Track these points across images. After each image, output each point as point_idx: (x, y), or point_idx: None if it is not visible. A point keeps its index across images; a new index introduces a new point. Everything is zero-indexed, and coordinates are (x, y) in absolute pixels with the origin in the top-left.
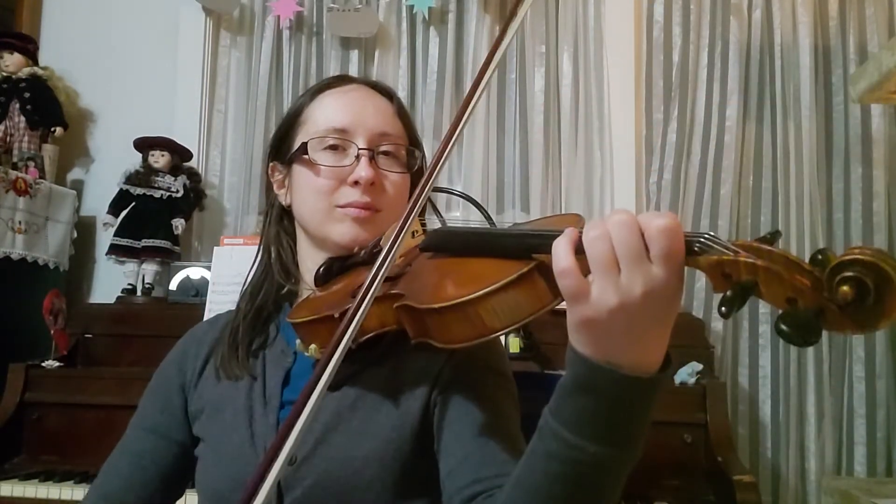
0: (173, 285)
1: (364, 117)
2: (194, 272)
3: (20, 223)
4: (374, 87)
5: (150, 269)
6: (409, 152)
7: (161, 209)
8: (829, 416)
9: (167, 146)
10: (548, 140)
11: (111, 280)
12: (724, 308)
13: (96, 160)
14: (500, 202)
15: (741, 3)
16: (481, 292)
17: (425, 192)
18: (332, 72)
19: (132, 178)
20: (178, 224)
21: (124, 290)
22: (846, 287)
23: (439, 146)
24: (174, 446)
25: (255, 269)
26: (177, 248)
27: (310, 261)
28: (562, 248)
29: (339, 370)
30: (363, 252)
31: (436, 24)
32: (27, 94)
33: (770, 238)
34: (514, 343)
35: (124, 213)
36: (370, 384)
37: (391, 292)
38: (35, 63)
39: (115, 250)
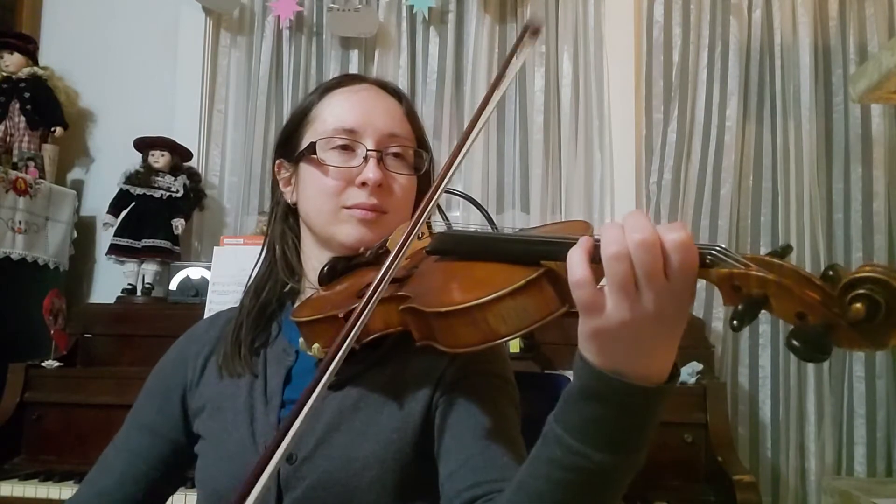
0: (173, 285)
1: (373, 118)
2: (194, 272)
3: (20, 223)
4: (383, 87)
5: (150, 269)
6: (416, 154)
7: (161, 209)
8: (829, 416)
9: (167, 146)
10: (548, 140)
11: (111, 280)
12: (735, 322)
13: (96, 160)
14: (500, 202)
15: (741, 3)
16: (489, 297)
17: (435, 198)
18: (332, 72)
19: (132, 178)
20: (178, 224)
21: (124, 290)
22: (858, 304)
23: (451, 154)
24: (168, 445)
25: (260, 266)
26: (177, 248)
27: (314, 259)
28: (577, 258)
29: (343, 370)
30: (369, 253)
31: (436, 24)
32: (27, 94)
33: (781, 252)
34: (514, 343)
35: (124, 213)
36: (373, 385)
37: (397, 294)
38: (35, 63)
39: (115, 250)
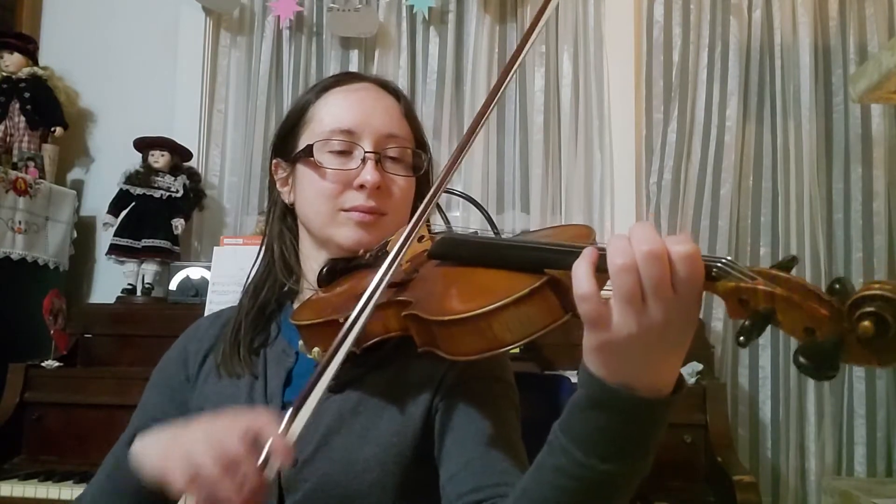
0: (173, 285)
1: (371, 118)
2: (194, 272)
3: (20, 223)
4: (381, 86)
5: (149, 269)
6: (415, 154)
7: (161, 209)
8: (829, 416)
9: (167, 146)
10: (548, 140)
11: (111, 280)
12: (742, 338)
13: (96, 160)
14: (500, 202)
15: (741, 3)
16: (492, 307)
17: (433, 201)
18: (331, 72)
19: (132, 178)
20: (178, 224)
21: (124, 290)
22: (867, 322)
23: (451, 156)
24: None
25: (258, 266)
26: (177, 248)
27: (312, 260)
28: (583, 270)
29: (343, 373)
30: (369, 255)
31: (436, 24)
32: (27, 94)
33: (787, 265)
34: None
35: (124, 213)
36: (373, 388)
37: (399, 299)
38: (35, 63)
39: (114, 250)
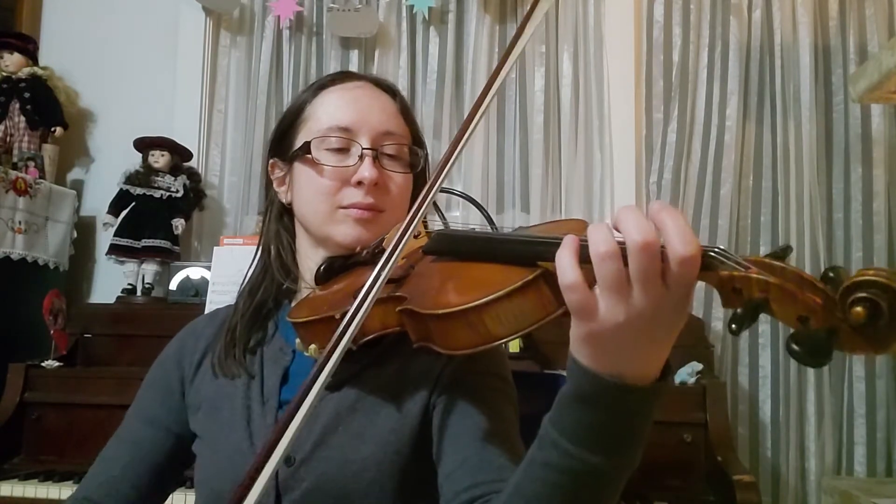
0: (173, 285)
1: (368, 116)
2: (194, 272)
3: (20, 223)
4: (377, 83)
5: (150, 269)
6: (412, 151)
7: (161, 209)
8: (829, 416)
9: (167, 146)
10: (548, 140)
11: (111, 280)
12: (734, 325)
13: (96, 160)
14: (500, 202)
15: (741, 3)
16: (485, 300)
17: (430, 196)
18: (331, 72)
19: (132, 178)
20: (178, 224)
21: (124, 290)
22: (859, 308)
23: (446, 151)
24: (172, 438)
25: (255, 266)
26: (177, 248)
27: (310, 259)
28: (566, 260)
29: (340, 370)
30: (365, 252)
31: (436, 24)
32: (27, 94)
33: (781, 254)
34: (514, 343)
35: (124, 213)
36: (370, 386)
37: (394, 295)
38: (35, 63)
39: (115, 250)
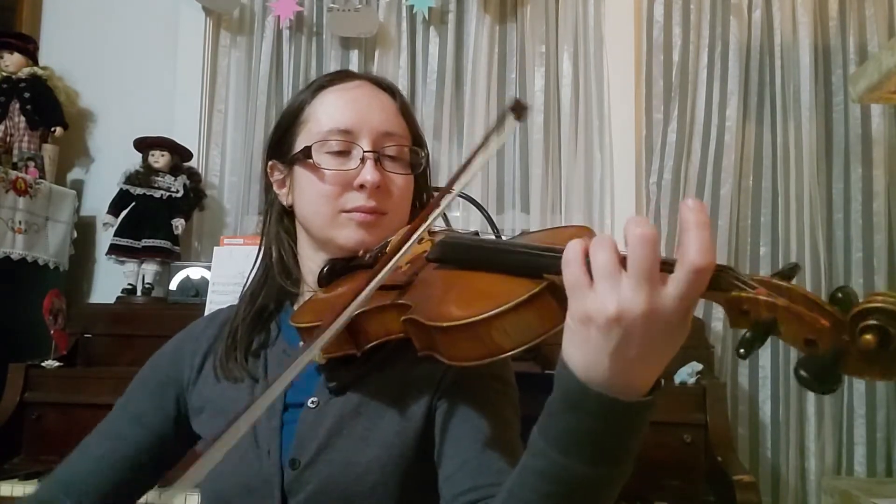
0: (173, 285)
1: (368, 116)
2: (194, 272)
3: (20, 223)
4: (376, 83)
5: (150, 269)
6: (412, 152)
7: (161, 209)
8: (829, 416)
9: (167, 146)
10: (548, 140)
11: (111, 280)
12: (742, 350)
13: (96, 160)
14: (500, 202)
15: (741, 3)
16: (491, 313)
17: (440, 208)
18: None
19: (132, 178)
20: (178, 224)
21: (124, 290)
22: (868, 336)
23: (459, 167)
24: (154, 437)
25: (256, 270)
26: (177, 248)
27: (311, 261)
28: (573, 250)
29: (344, 374)
30: (368, 256)
31: (436, 24)
32: (27, 94)
33: (788, 273)
34: None
35: (124, 213)
36: (373, 390)
37: (398, 302)
38: (35, 63)
39: (115, 250)
